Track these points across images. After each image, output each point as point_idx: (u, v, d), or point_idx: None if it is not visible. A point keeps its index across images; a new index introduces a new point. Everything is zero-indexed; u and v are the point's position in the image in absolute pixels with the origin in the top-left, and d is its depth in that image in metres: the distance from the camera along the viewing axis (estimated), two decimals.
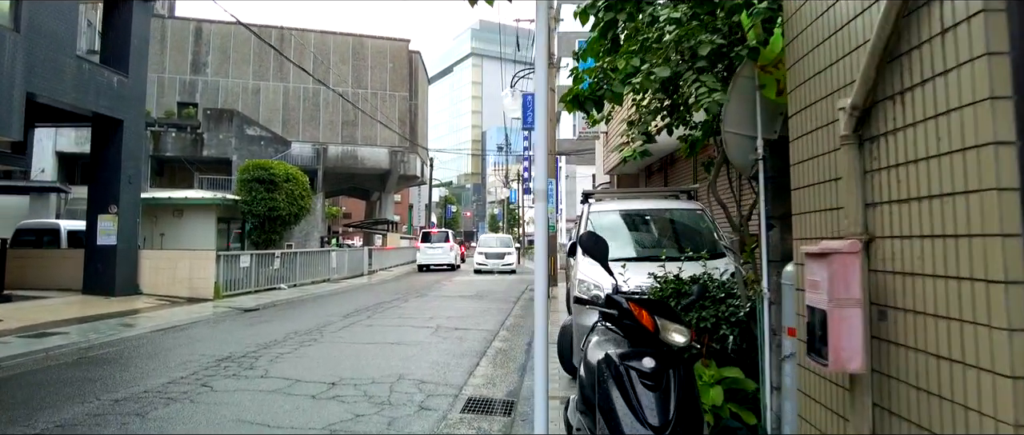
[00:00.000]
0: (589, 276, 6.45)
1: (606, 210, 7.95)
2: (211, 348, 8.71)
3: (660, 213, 7.85)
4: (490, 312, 13.11)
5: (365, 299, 15.96)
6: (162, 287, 15.23)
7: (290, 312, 13.18)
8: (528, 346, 9.06)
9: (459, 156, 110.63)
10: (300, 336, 9.69)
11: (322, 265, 22.10)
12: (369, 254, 27.89)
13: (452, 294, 17.19)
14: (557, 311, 12.48)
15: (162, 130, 34.30)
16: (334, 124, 43.51)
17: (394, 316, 12.35)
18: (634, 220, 7.92)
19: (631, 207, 8.03)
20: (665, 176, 13.33)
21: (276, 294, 16.73)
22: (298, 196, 19.68)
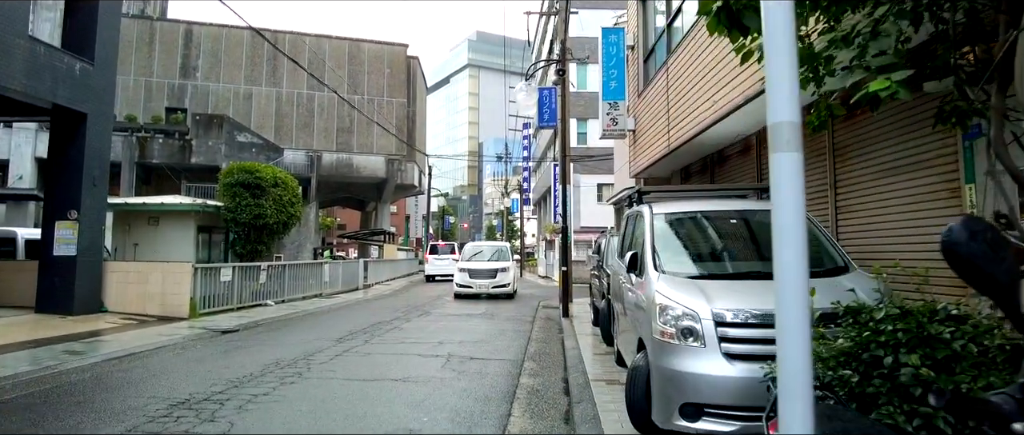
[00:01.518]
0: (675, 299, 4.71)
1: (675, 214, 6.21)
2: (168, 386, 6.91)
3: (748, 217, 6.12)
4: (506, 334, 11.32)
5: (361, 318, 14.15)
6: (131, 304, 13.40)
7: (274, 334, 11.36)
8: (564, 383, 7.29)
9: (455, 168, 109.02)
10: (282, 369, 7.89)
11: (313, 279, 20.29)
12: (365, 267, 26.07)
13: (458, 312, 15.39)
14: (583, 335, 10.71)
15: (149, 136, 32.55)
16: (329, 131, 41.79)
17: (395, 340, 10.56)
18: (715, 227, 6.18)
19: (708, 209, 6.30)
20: (711, 177, 11.63)
21: (261, 312, 14.91)
22: (287, 203, 17.89)
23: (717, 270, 5.49)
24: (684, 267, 5.44)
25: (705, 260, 5.69)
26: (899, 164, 5.93)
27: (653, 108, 12.39)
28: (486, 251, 21.75)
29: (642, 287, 5.41)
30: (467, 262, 20.66)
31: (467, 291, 19.66)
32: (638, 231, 6.47)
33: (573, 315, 13.86)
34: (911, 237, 5.75)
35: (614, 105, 14.00)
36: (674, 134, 10.82)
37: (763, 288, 4.88)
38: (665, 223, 6.09)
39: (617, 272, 7.51)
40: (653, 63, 12.93)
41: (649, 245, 5.68)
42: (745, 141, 9.90)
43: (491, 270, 19.70)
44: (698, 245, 6.00)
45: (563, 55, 14.89)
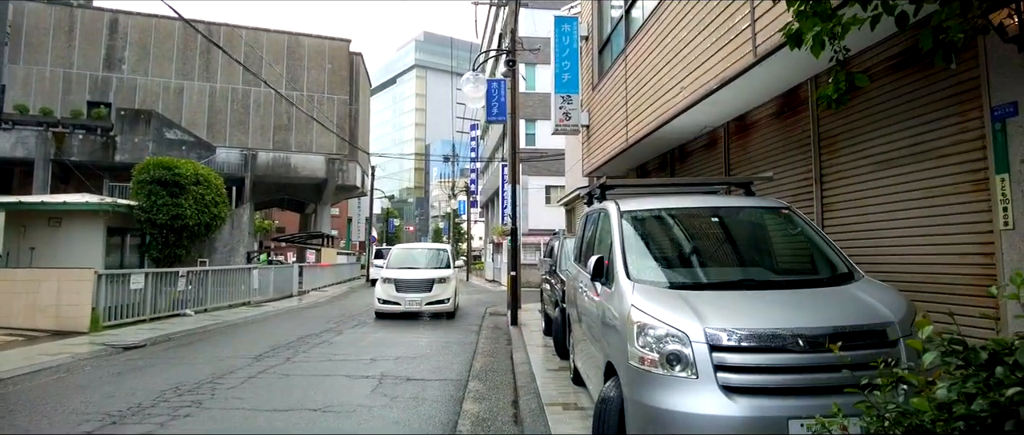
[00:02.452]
0: (657, 315, 3.74)
1: (646, 212, 5.25)
2: (23, 424, 5.57)
3: (731, 215, 5.20)
4: (449, 348, 10.22)
5: (289, 329, 12.81)
6: (17, 317, 11.73)
7: (185, 351, 9.96)
8: (515, 409, 6.26)
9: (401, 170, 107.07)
10: (180, 396, 6.61)
11: (241, 285, 18.71)
12: (300, 272, 24.48)
13: (396, 323, 14.17)
14: (534, 346, 9.71)
15: (67, 132, 30.20)
16: (265, 128, 39.78)
17: (322, 357, 9.33)
18: (693, 227, 5.24)
19: (683, 206, 5.35)
20: (671, 175, 10.80)
21: (179, 323, 13.38)
22: (210, 202, 16.34)
23: (702, 278, 4.54)
24: (662, 275, 4.48)
25: (686, 266, 4.74)
26: (902, 154, 5.12)
27: (609, 101, 11.51)
28: (420, 255, 16.46)
29: (612, 299, 4.42)
30: (394, 270, 15.17)
31: (392, 309, 14.52)
32: (603, 232, 5.50)
33: (523, 323, 12.86)
34: (918, 238, 4.94)
35: (567, 99, 13.08)
36: (633, 128, 9.95)
37: (764, 300, 3.96)
38: (635, 222, 5.13)
39: (574, 278, 6.52)
40: (609, 54, 12.06)
41: (619, 248, 4.70)
42: (711, 134, 9.08)
43: (425, 281, 14.63)
44: (676, 248, 5.05)
45: (513, 45, 13.91)
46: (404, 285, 14.56)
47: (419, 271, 15.20)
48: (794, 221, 5.05)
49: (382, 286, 14.90)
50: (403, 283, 14.60)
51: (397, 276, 14.84)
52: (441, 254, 16.59)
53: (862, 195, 5.66)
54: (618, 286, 4.38)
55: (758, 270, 4.79)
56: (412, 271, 15.13)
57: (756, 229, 5.24)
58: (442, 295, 14.66)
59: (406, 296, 14.42)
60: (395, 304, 14.46)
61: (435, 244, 20.91)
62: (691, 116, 8.09)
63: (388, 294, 14.63)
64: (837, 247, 4.69)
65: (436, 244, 20.75)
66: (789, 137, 6.88)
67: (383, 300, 14.66)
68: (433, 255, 16.58)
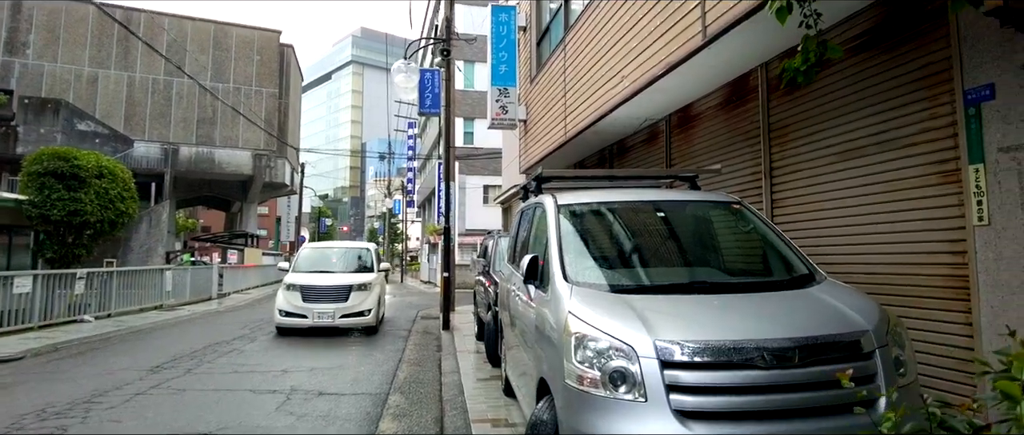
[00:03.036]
0: (598, 325, 3.14)
1: (586, 206, 4.65)
2: None
3: (678, 210, 4.66)
4: (372, 356, 9.42)
5: (199, 336, 11.71)
6: None
7: (70, 364, 8.82)
8: (438, 425, 5.57)
9: (336, 168, 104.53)
10: (43, 421, 5.63)
11: (153, 288, 17.27)
12: (220, 274, 23.02)
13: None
14: (465, 352, 9.04)
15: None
16: (188, 121, 37.67)
17: (229, 367, 8.39)
18: (638, 223, 4.67)
19: (627, 200, 4.78)
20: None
21: (73, 330, 12.06)
22: (116, 197, 14.95)
23: (648, 280, 3.96)
24: (603, 276, 3.88)
25: (629, 266, 4.15)
26: (862, 145, 4.70)
27: (548, 94, 10.95)
28: (337, 256, 13.51)
29: (547, 305, 3.79)
30: (301, 274, 12.25)
31: (296, 323, 11.54)
32: (539, 228, 4.88)
33: (455, 327, 12.16)
34: (880, 236, 4.51)
35: (504, 92, 12.47)
36: (572, 121, 9.41)
37: (720, 307, 3.41)
38: (574, 218, 4.52)
39: (507, 279, 5.88)
40: (548, 44, 11.51)
41: (556, 246, 4.09)
42: (652, 128, 8.62)
43: (339, 288, 11.71)
44: (619, 247, 4.46)
45: (448, 32, 13.19)
46: (313, 293, 11.62)
47: (333, 275, 12.27)
48: (746, 217, 4.55)
49: (284, 294, 11.76)
50: (311, 291, 11.63)
51: (304, 281, 11.78)
52: (363, 255, 13.49)
53: (817, 189, 5.23)
54: (554, 289, 3.76)
55: (709, 271, 4.26)
56: (324, 276, 12.18)
57: (705, 226, 4.72)
58: (361, 305, 11.70)
59: (315, 307, 11.47)
60: (300, 317, 11.49)
61: (356, 243, 16.41)
62: (632, 107, 7.59)
63: (292, 304, 11.57)
64: (795, 246, 4.21)
65: (357, 243, 16.28)
66: (736, 129, 6.44)
67: (285, 312, 11.58)
68: (352, 256, 13.44)
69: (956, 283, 3.86)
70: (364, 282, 11.96)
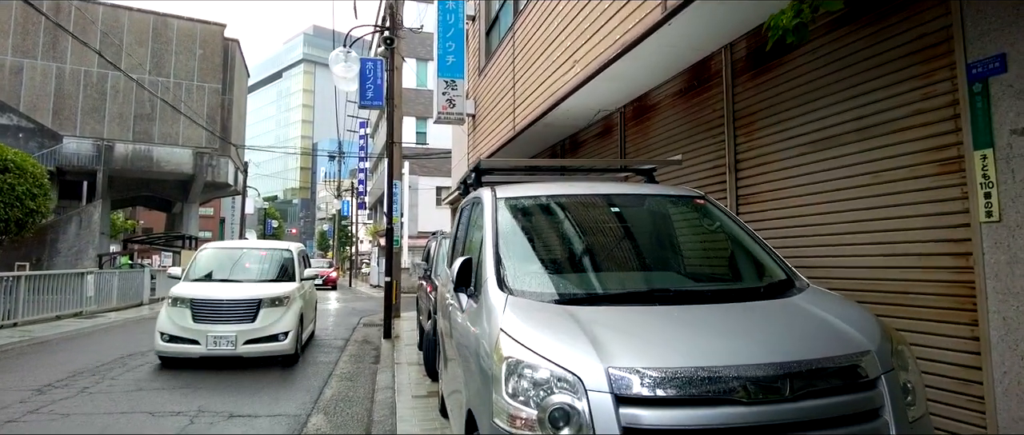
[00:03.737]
0: (537, 348, 2.44)
1: (530, 200, 3.94)
2: None
3: (633, 205, 4.00)
4: (300, 369, 8.53)
5: (110, 348, 10.59)
6: None
7: None
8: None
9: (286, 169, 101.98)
10: None
11: (72, 293, 15.90)
12: (152, 277, 21.60)
13: None
14: (404, 364, 8.26)
15: None
16: (124, 117, 35.81)
17: (134, 384, 7.40)
18: (590, 220, 3.98)
19: (576, 193, 4.08)
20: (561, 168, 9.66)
21: None
22: (25, 195, 13.64)
23: (599, 287, 3.27)
24: (548, 283, 3.19)
25: (578, 270, 3.47)
26: (841, 132, 4.12)
27: (497, 86, 10.26)
28: (247, 260, 10.03)
29: (478, 319, 3.08)
30: (194, 284, 9.04)
31: (184, 351, 8.27)
32: (475, 227, 4.17)
33: (397, 336, 11.33)
34: (865, 235, 3.94)
35: (451, 84, 11.72)
36: (521, 114, 8.73)
37: (687, 321, 2.74)
38: (515, 213, 3.81)
39: (445, 285, 5.15)
40: (497, 33, 10.82)
41: (491, 247, 3.38)
42: (606, 120, 7.99)
43: (244, 304, 8.37)
44: (566, 247, 3.75)
45: (392, 20, 12.37)
46: (207, 310, 8.21)
47: (238, 286, 8.84)
48: (712, 213, 3.92)
49: (168, 312, 8.38)
50: (205, 307, 8.22)
51: (196, 294, 8.40)
52: (282, 258, 9.93)
53: (789, 183, 4.65)
54: (486, 299, 3.05)
55: (670, 276, 3.61)
56: (226, 286, 8.81)
57: (665, 223, 4.07)
58: (274, 326, 8.32)
59: (210, 330, 8.09)
60: (189, 343, 8.12)
61: (274, 243, 12.20)
62: (585, 96, 6.94)
63: (178, 325, 8.19)
64: (769, 247, 3.59)
65: (276, 243, 12.05)
66: (697, 118, 5.85)
67: (169, 336, 8.21)
68: (268, 260, 9.91)
69: (959, 290, 3.28)
70: (279, 295, 8.55)
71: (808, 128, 4.44)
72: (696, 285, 3.48)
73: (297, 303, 8.92)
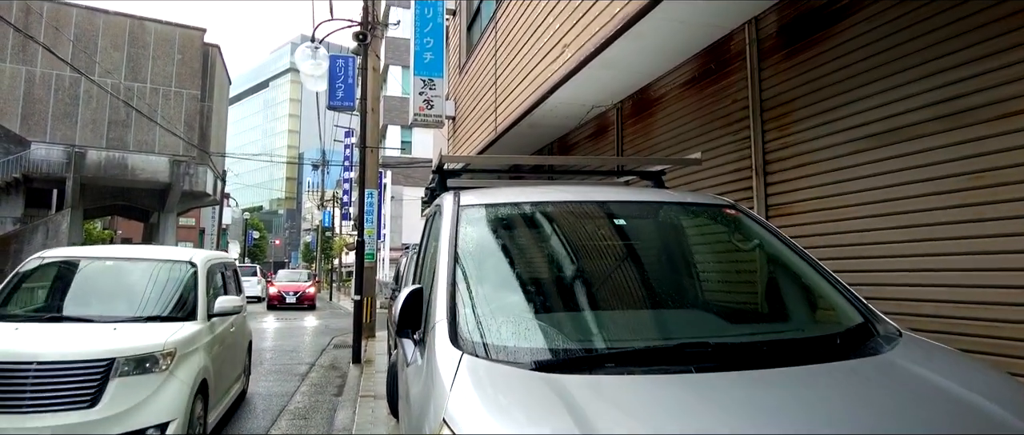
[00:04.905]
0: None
1: (503, 209, 2.86)
2: None
3: (642, 217, 2.95)
4: (248, 402, 7.41)
5: None
6: None
7: None
8: None
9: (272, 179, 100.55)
10: None
11: None
12: None
13: None
14: (371, 397, 7.16)
15: None
16: (98, 123, 34.56)
17: None
18: (584, 237, 2.91)
19: (566, 200, 3.00)
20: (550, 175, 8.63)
21: None
22: None
23: (603, 340, 2.20)
24: (525, 333, 2.12)
25: (570, 311, 2.40)
26: (916, 120, 3.11)
27: (478, 83, 9.24)
28: (112, 280, 5.48)
29: (421, 385, 2.04)
30: (6, 324, 4.52)
31: None
32: (431, 245, 3.12)
33: (368, 360, 10.20)
34: (957, 259, 2.92)
35: (429, 83, 10.69)
36: (504, 112, 7.70)
37: (743, 401, 1.68)
38: (483, 228, 2.75)
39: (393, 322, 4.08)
40: (478, 26, 9.82)
41: (445, 276, 2.33)
42: (600, 119, 6.96)
43: (70, 373, 3.99)
44: (554, 276, 2.68)
45: (366, 14, 11.33)
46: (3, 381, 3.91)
47: (76, 332, 4.45)
48: (747, 228, 2.89)
49: None
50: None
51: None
52: (175, 280, 5.51)
53: (839, 188, 3.63)
54: (431, 358, 2.00)
55: (699, 317, 2.57)
56: (54, 332, 4.43)
57: (683, 241, 3.04)
58: (139, 415, 4.17)
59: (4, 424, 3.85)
60: None
61: (164, 251, 6.34)
62: (576, 88, 5.92)
63: None
64: (832, 273, 2.56)
65: (168, 251, 6.34)
66: (713, 112, 4.83)
67: None
68: (146, 282, 5.40)
69: None
70: (153, 350, 4.38)
71: (867, 117, 3.43)
72: (741, 333, 2.43)
73: (195, 361, 4.80)
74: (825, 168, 3.76)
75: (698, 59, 5.01)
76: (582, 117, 6.96)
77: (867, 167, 3.44)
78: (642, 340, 2.17)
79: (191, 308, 5.23)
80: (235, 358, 6.66)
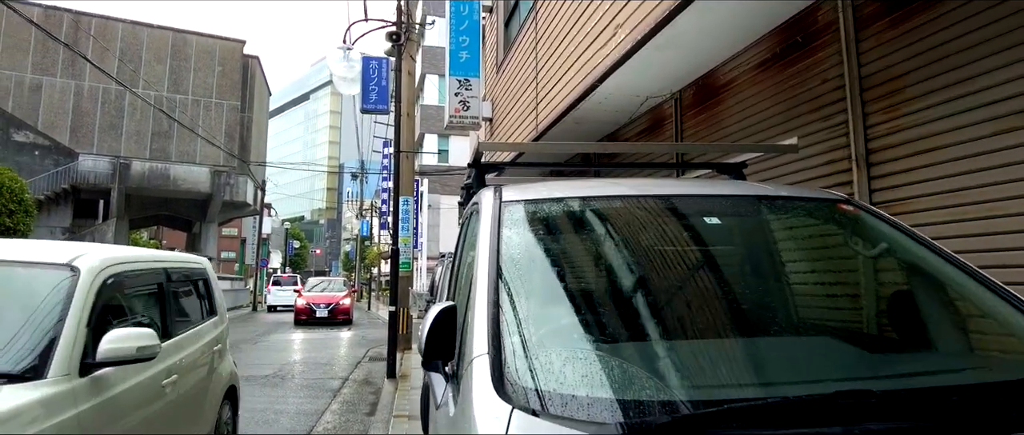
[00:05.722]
0: None
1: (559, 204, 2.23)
2: None
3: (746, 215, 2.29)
4: (268, 424, 6.90)
5: None
6: None
7: None
8: None
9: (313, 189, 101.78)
10: None
11: None
12: None
13: None
14: (404, 418, 6.60)
15: None
16: (142, 135, 35.09)
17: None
18: (669, 241, 2.26)
19: (640, 194, 2.36)
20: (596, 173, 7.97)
21: None
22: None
23: (709, 384, 1.54)
24: (597, 375, 1.48)
25: (656, 340, 1.76)
26: None
27: (516, 81, 8.66)
28: None
29: None
30: None
31: None
32: (467, 253, 2.52)
33: (404, 375, 9.66)
34: None
35: (465, 83, 10.16)
36: (546, 108, 7.09)
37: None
38: (533, 230, 2.12)
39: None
40: (516, 20, 9.25)
41: (486, 294, 1.71)
42: (655, 111, 6.28)
43: None
44: (632, 296, 2.03)
45: (399, 14, 10.86)
46: None
47: None
48: (868, 227, 2.21)
49: None
50: None
51: None
52: (18, 293, 2.81)
53: (969, 180, 2.92)
54: (467, 412, 1.38)
55: (833, 348, 1.90)
56: None
57: (791, 246, 2.39)
58: None
59: None
60: None
61: (20, 246, 3.17)
62: (630, 76, 5.27)
63: None
64: (994, 280, 1.87)
65: (25, 246, 3.21)
66: (796, 96, 4.13)
67: None
68: None
69: None
70: None
71: (1005, 91, 2.72)
72: (900, 371, 1.75)
73: None
74: (950, 156, 3.04)
75: (776, 35, 4.32)
76: (634, 110, 6.30)
77: (1006, 154, 2.73)
78: (771, 385, 1.52)
79: (40, 356, 2.53)
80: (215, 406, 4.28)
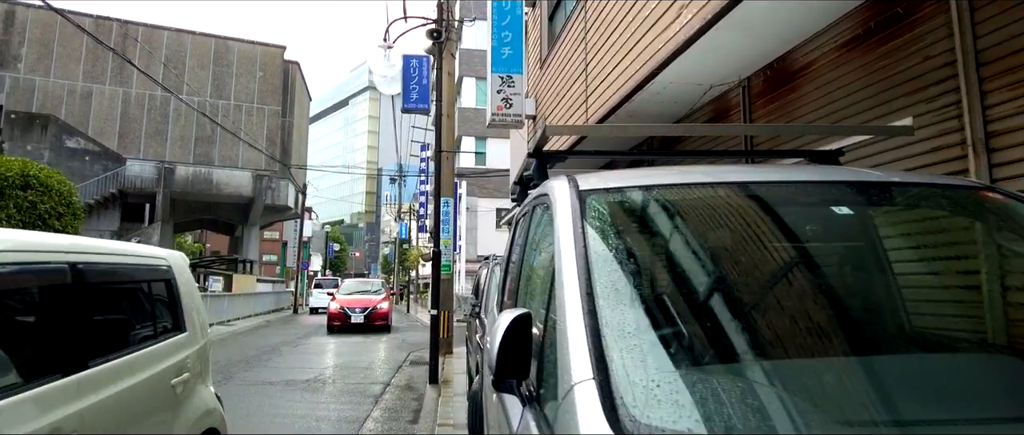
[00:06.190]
0: None
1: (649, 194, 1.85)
2: None
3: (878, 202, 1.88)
4: (319, 424, 6.63)
5: None
6: None
7: None
8: None
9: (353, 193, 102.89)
10: None
11: None
12: None
13: (258, 379, 10.44)
14: (448, 425, 6.25)
15: None
16: (186, 140, 35.68)
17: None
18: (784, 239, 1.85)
19: (748, 181, 1.96)
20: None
21: None
22: (47, 214, 12.43)
23: (884, 417, 1.15)
24: (736, 404, 1.10)
25: (799, 356, 1.37)
26: None
27: (562, 75, 8.27)
28: None
29: None
30: None
31: None
32: (536, 250, 2.15)
33: (446, 380, 9.36)
34: None
35: (507, 80, 9.81)
36: (597, 102, 6.69)
37: None
38: (626, 225, 1.75)
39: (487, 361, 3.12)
40: (561, 14, 8.87)
41: (579, 302, 1.33)
42: (719, 101, 5.83)
43: None
44: (758, 300, 1.64)
45: (440, 10, 10.59)
46: None
47: None
48: (1020, 217, 1.77)
49: None
50: None
51: None
52: None
53: None
54: None
55: (1009, 367, 1.48)
56: None
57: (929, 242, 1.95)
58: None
59: None
60: None
61: None
62: (692, 63, 4.85)
63: None
64: None
65: None
66: (891, 76, 3.66)
67: None
68: None
69: None
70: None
71: None
72: None
73: None
74: None
75: (866, 11, 3.85)
76: (695, 101, 5.85)
77: None
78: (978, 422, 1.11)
79: None
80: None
